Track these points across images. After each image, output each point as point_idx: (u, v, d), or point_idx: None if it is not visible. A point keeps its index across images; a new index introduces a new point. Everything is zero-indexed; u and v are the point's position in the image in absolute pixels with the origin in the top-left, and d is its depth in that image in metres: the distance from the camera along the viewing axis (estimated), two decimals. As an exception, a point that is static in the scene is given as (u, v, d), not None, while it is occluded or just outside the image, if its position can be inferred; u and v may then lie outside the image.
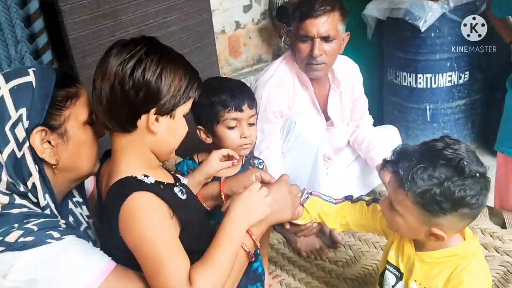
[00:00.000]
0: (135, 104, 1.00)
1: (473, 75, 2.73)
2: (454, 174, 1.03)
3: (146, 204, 0.98)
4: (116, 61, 1.00)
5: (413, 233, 1.16)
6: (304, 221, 1.36)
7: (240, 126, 1.49)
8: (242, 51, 3.09)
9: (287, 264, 1.86)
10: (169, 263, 0.96)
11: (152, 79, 1.00)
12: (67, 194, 1.17)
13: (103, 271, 0.98)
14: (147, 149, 1.07)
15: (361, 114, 2.09)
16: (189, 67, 1.09)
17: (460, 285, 1.12)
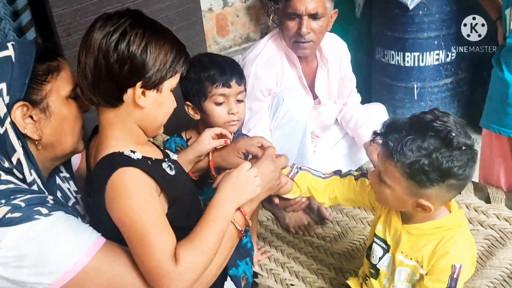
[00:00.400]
0: (120, 78, 0.99)
1: (460, 53, 2.74)
2: (442, 146, 1.04)
3: (132, 180, 0.98)
4: (100, 34, 0.98)
5: (400, 204, 1.18)
6: (294, 195, 1.37)
7: (228, 102, 1.49)
8: (230, 30, 3.05)
9: (276, 240, 1.88)
10: (154, 240, 0.96)
11: (137, 52, 0.98)
12: (54, 170, 1.16)
13: (91, 248, 0.98)
14: (135, 124, 1.06)
15: (349, 92, 2.10)
16: (176, 41, 1.07)
17: (445, 255, 1.14)
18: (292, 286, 1.65)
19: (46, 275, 0.94)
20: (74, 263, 0.95)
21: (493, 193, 1.86)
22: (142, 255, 0.96)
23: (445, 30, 2.67)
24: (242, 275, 1.61)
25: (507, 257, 1.59)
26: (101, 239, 1.01)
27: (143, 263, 0.97)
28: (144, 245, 0.96)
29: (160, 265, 0.95)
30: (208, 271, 1.05)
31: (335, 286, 1.62)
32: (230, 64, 1.53)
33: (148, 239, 0.96)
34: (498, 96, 1.77)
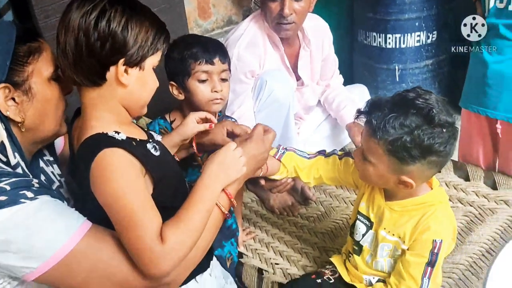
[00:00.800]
0: (102, 56, 0.98)
1: (440, 34, 2.76)
2: (424, 123, 1.06)
3: (116, 160, 0.97)
4: (79, 13, 0.97)
5: (383, 182, 1.20)
6: (281, 176, 1.39)
7: (211, 80, 1.49)
8: (212, 12, 3.03)
9: (261, 221, 1.91)
10: (140, 220, 0.96)
11: (118, 30, 0.98)
12: (38, 153, 1.15)
13: (78, 232, 0.97)
14: (118, 104, 1.05)
15: (332, 73, 2.11)
16: (156, 18, 1.07)
17: (427, 231, 1.17)
18: (276, 265, 1.67)
19: (32, 259, 0.94)
20: (61, 247, 0.95)
21: (472, 171, 1.90)
22: (128, 236, 0.96)
23: (426, 12, 2.68)
24: (227, 255, 1.63)
25: (485, 232, 1.63)
26: (87, 223, 1.01)
27: (130, 243, 0.97)
28: (131, 225, 0.96)
29: (146, 245, 0.95)
30: (193, 252, 1.06)
31: (319, 264, 1.65)
32: (213, 43, 1.53)
33: (134, 220, 0.95)
34: (477, 76, 1.80)
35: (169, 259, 0.97)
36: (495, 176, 1.85)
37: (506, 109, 1.73)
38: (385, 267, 1.30)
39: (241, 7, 3.15)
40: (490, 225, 1.66)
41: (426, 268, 1.19)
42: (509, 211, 1.71)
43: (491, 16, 1.67)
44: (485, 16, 1.72)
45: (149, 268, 0.96)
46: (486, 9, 1.70)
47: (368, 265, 1.33)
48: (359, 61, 3.00)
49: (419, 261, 1.19)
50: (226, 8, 3.09)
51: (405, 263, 1.21)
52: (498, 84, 1.72)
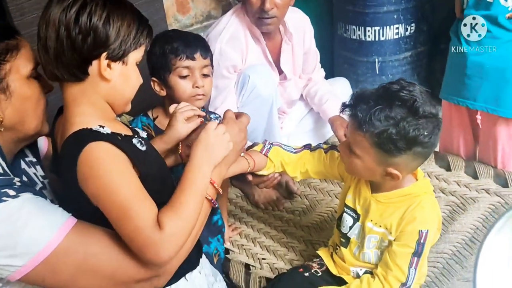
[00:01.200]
0: (84, 50, 0.97)
1: (418, 26, 2.79)
2: (408, 114, 1.07)
3: (104, 153, 0.96)
4: (59, 7, 0.96)
5: (370, 174, 1.21)
6: (268, 171, 1.38)
7: (193, 75, 1.47)
8: (191, 7, 2.99)
9: (246, 216, 1.90)
10: (135, 208, 0.94)
11: (99, 24, 0.96)
12: (19, 154, 1.12)
13: (63, 228, 0.95)
14: (102, 99, 1.03)
15: (313, 67, 2.11)
16: (137, 13, 1.05)
17: (413, 221, 1.19)
18: (263, 260, 1.68)
19: (17, 257, 0.92)
20: (46, 244, 0.93)
21: (453, 161, 1.93)
22: (125, 227, 0.95)
23: (404, 4, 2.70)
24: (214, 251, 1.63)
25: (468, 221, 1.66)
26: (72, 219, 0.99)
27: (128, 234, 0.95)
28: (127, 217, 0.94)
29: (145, 234, 0.94)
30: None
31: (305, 257, 1.65)
32: (195, 37, 1.51)
33: (130, 211, 0.94)
34: (456, 67, 1.82)
35: (169, 245, 0.96)
36: (475, 165, 1.89)
37: (485, 100, 1.76)
38: (372, 259, 1.31)
39: (220, 1, 3.12)
40: (472, 214, 1.69)
41: (412, 258, 1.21)
42: (490, 200, 1.74)
43: (470, 8, 1.69)
44: (463, 8, 1.74)
45: (151, 257, 0.95)
46: (464, 1, 1.72)
47: (355, 257, 1.34)
48: (339, 54, 3.01)
49: (406, 252, 1.21)
50: (205, 3, 3.06)
51: (391, 254, 1.23)
52: (477, 75, 1.74)
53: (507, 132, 1.80)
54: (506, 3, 1.59)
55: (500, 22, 1.63)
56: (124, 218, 0.95)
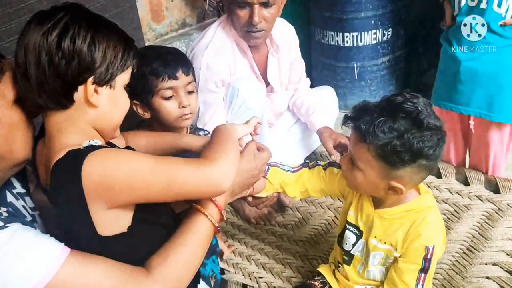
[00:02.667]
0: (69, 75, 0.91)
1: (395, 31, 2.81)
2: (413, 126, 1.06)
3: (110, 152, 0.91)
4: (38, 32, 0.89)
5: (373, 188, 1.18)
6: (268, 193, 1.34)
7: (177, 95, 1.40)
8: (165, 15, 2.92)
9: (238, 233, 1.85)
10: (177, 166, 0.92)
11: (84, 47, 0.91)
12: (6, 185, 1.04)
13: (56, 260, 0.88)
14: (89, 126, 0.97)
15: (299, 77, 2.07)
16: (122, 33, 1.00)
17: (418, 238, 1.17)
18: (260, 278, 1.63)
19: None
20: (39, 280, 0.86)
21: (443, 168, 1.94)
22: (186, 186, 0.92)
23: (381, 10, 2.71)
24: (210, 273, 1.57)
25: (463, 230, 1.66)
26: (66, 249, 0.91)
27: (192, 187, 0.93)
28: (178, 178, 0.91)
29: (208, 178, 0.93)
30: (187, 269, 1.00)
31: (303, 274, 1.62)
32: (173, 54, 1.42)
33: (173, 170, 0.92)
34: (448, 73, 1.82)
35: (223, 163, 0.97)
36: (466, 172, 1.90)
37: (479, 105, 1.77)
38: (377, 276, 1.29)
39: (195, 9, 3.05)
40: (467, 222, 1.69)
41: (419, 274, 1.19)
42: (483, 207, 1.75)
43: (463, 14, 1.69)
44: (454, 16, 1.74)
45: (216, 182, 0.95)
46: (456, 8, 1.72)
47: (359, 274, 1.32)
48: (317, 60, 3.00)
49: (412, 268, 1.19)
50: (180, 11, 2.99)
51: (398, 271, 1.21)
52: (471, 81, 1.75)
53: (499, 137, 1.82)
54: (500, 9, 1.60)
55: (493, 28, 1.64)
56: (174, 182, 0.92)
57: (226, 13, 1.82)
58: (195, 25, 3.07)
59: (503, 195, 1.78)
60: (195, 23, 3.07)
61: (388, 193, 1.17)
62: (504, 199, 1.76)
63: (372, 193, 1.23)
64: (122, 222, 0.96)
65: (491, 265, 1.52)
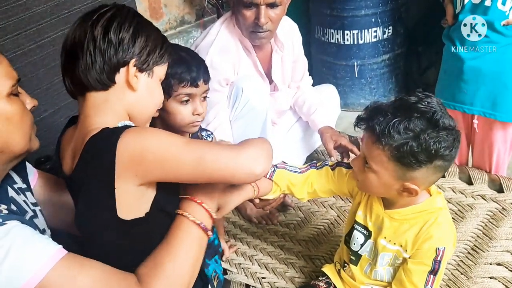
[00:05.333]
0: (113, 57, 0.98)
1: (395, 29, 2.81)
2: (428, 127, 1.04)
3: (145, 129, 0.95)
4: (88, 22, 0.98)
5: (385, 190, 1.16)
6: (274, 195, 1.31)
7: (193, 101, 1.39)
8: (164, 13, 2.90)
9: (240, 233, 1.84)
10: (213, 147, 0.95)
11: (128, 34, 0.99)
12: (7, 180, 1.03)
13: (50, 259, 0.86)
14: (124, 110, 1.02)
15: (302, 75, 2.06)
16: (159, 31, 1.08)
17: (429, 239, 1.16)
18: (263, 279, 1.62)
19: None
20: (30, 277, 0.84)
21: (446, 167, 1.93)
22: (217, 165, 0.93)
23: (382, 7, 2.71)
24: (213, 274, 1.55)
25: (468, 229, 1.65)
26: (61, 251, 0.89)
27: (223, 167, 0.94)
28: (208, 156, 0.92)
29: (237, 159, 0.94)
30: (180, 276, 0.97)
31: (306, 274, 1.61)
32: (197, 61, 1.41)
33: (206, 151, 0.93)
34: (451, 72, 1.81)
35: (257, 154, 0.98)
36: (469, 171, 1.89)
37: (483, 104, 1.76)
38: (384, 276, 1.28)
39: (193, 6, 3.04)
40: (471, 221, 1.68)
41: (428, 276, 1.18)
42: (487, 206, 1.74)
43: (466, 12, 1.68)
44: (456, 14, 1.73)
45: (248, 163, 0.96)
46: (458, 6, 1.70)
47: (366, 274, 1.31)
48: (317, 58, 2.99)
49: (422, 270, 1.18)
50: (179, 8, 2.97)
51: (407, 272, 1.19)
52: (475, 80, 1.74)
53: (503, 136, 1.81)
54: (504, 7, 1.59)
55: (496, 27, 1.63)
56: (204, 160, 0.92)
57: (230, 11, 1.80)
58: (194, 23, 3.06)
59: (506, 194, 1.78)
60: (194, 21, 3.06)
61: (401, 195, 1.15)
62: (508, 198, 1.76)
63: (384, 195, 1.22)
64: (143, 206, 0.97)
65: (496, 265, 1.51)
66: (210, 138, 1.59)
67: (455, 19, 1.73)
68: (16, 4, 1.84)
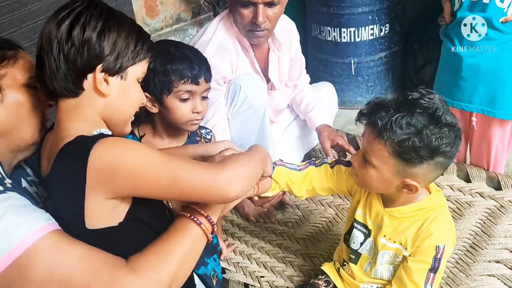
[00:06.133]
0: (78, 63, 0.93)
1: (392, 27, 2.80)
2: (431, 123, 1.04)
3: (121, 140, 0.90)
4: (54, 21, 0.93)
5: (385, 186, 1.16)
6: (273, 192, 1.31)
7: (193, 99, 1.38)
8: (160, 10, 2.88)
9: (238, 231, 1.83)
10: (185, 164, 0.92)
11: (93, 35, 0.93)
12: (20, 171, 1.09)
13: (40, 230, 0.85)
14: (97, 116, 0.98)
15: (299, 73, 2.05)
16: (136, 26, 1.02)
17: (429, 237, 1.16)
18: (262, 278, 1.61)
19: None
20: (18, 243, 0.83)
21: (444, 165, 1.93)
22: (191, 185, 0.91)
23: (378, 5, 2.70)
24: (212, 273, 1.54)
25: (466, 227, 1.65)
26: (53, 224, 0.89)
27: (196, 188, 0.91)
28: (182, 175, 0.90)
29: (212, 181, 0.91)
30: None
31: (305, 272, 1.60)
32: (199, 58, 1.40)
33: (181, 170, 0.90)
34: (450, 70, 1.81)
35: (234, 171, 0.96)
36: (467, 168, 1.89)
37: (481, 102, 1.76)
38: (384, 275, 1.27)
39: (189, 4, 3.02)
40: (470, 219, 1.68)
41: (428, 274, 1.18)
42: (485, 203, 1.74)
43: (464, 9, 1.68)
44: (454, 11, 1.72)
45: (223, 186, 0.93)
46: (456, 3, 1.70)
47: (366, 273, 1.30)
48: (314, 56, 2.98)
49: (422, 268, 1.18)
50: (174, 6, 2.95)
51: (407, 270, 1.19)
52: (473, 77, 1.74)
53: (501, 133, 1.81)
54: (502, 4, 1.59)
55: (494, 24, 1.63)
56: (178, 179, 0.90)
57: (227, 9, 1.78)
58: (190, 20, 3.04)
59: (505, 191, 1.78)
60: (190, 18, 3.04)
61: (401, 191, 1.14)
62: (506, 196, 1.76)
63: (383, 191, 1.21)
64: (115, 216, 0.94)
65: (495, 263, 1.51)
66: (209, 136, 1.58)
67: (453, 16, 1.73)
68: (11, 1, 1.82)
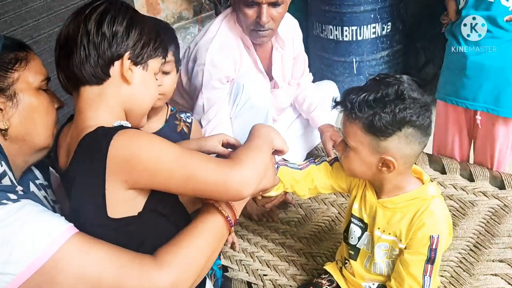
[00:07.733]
0: (107, 51, 0.98)
1: (394, 25, 2.80)
2: (396, 97, 1.09)
3: (139, 133, 0.92)
4: (81, 16, 0.98)
5: (367, 168, 1.19)
6: (278, 192, 1.31)
7: None
8: (161, 8, 2.88)
9: (240, 229, 1.82)
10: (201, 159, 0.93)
11: (121, 28, 0.99)
12: (29, 175, 1.09)
13: (62, 234, 0.86)
14: (119, 105, 1.01)
15: (302, 72, 2.05)
16: (157, 24, 1.11)
17: (422, 227, 1.17)
18: (265, 276, 1.60)
19: (12, 264, 0.82)
20: (44, 249, 0.84)
21: (447, 164, 1.92)
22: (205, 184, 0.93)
23: (380, 4, 2.70)
24: (209, 271, 1.53)
25: (469, 226, 1.65)
26: (73, 228, 0.89)
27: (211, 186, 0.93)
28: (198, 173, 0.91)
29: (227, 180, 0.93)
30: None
31: (308, 271, 1.60)
32: (166, 29, 1.37)
33: (197, 168, 0.92)
34: (454, 68, 1.80)
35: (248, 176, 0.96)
36: (471, 167, 1.88)
37: (485, 100, 1.75)
38: (384, 270, 1.27)
39: (191, 2, 3.01)
40: (473, 218, 1.68)
41: (426, 265, 1.18)
42: (489, 203, 1.74)
43: (469, 8, 1.67)
44: (459, 9, 1.71)
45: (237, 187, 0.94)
46: (461, 1, 1.69)
47: (366, 269, 1.30)
48: (315, 54, 2.97)
49: (418, 259, 1.18)
50: (176, 4, 2.94)
51: (404, 263, 1.20)
52: (477, 75, 1.73)
53: (506, 132, 1.81)
54: (507, 3, 1.58)
55: (499, 23, 1.62)
56: (194, 176, 0.91)
57: (230, 7, 1.77)
58: (192, 19, 3.04)
59: (508, 191, 1.77)
60: (192, 17, 3.04)
61: (381, 171, 1.16)
62: (509, 195, 1.75)
63: (369, 175, 1.22)
64: (134, 206, 0.96)
65: (499, 262, 1.50)
66: (190, 120, 1.54)
67: (458, 14, 1.72)
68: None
